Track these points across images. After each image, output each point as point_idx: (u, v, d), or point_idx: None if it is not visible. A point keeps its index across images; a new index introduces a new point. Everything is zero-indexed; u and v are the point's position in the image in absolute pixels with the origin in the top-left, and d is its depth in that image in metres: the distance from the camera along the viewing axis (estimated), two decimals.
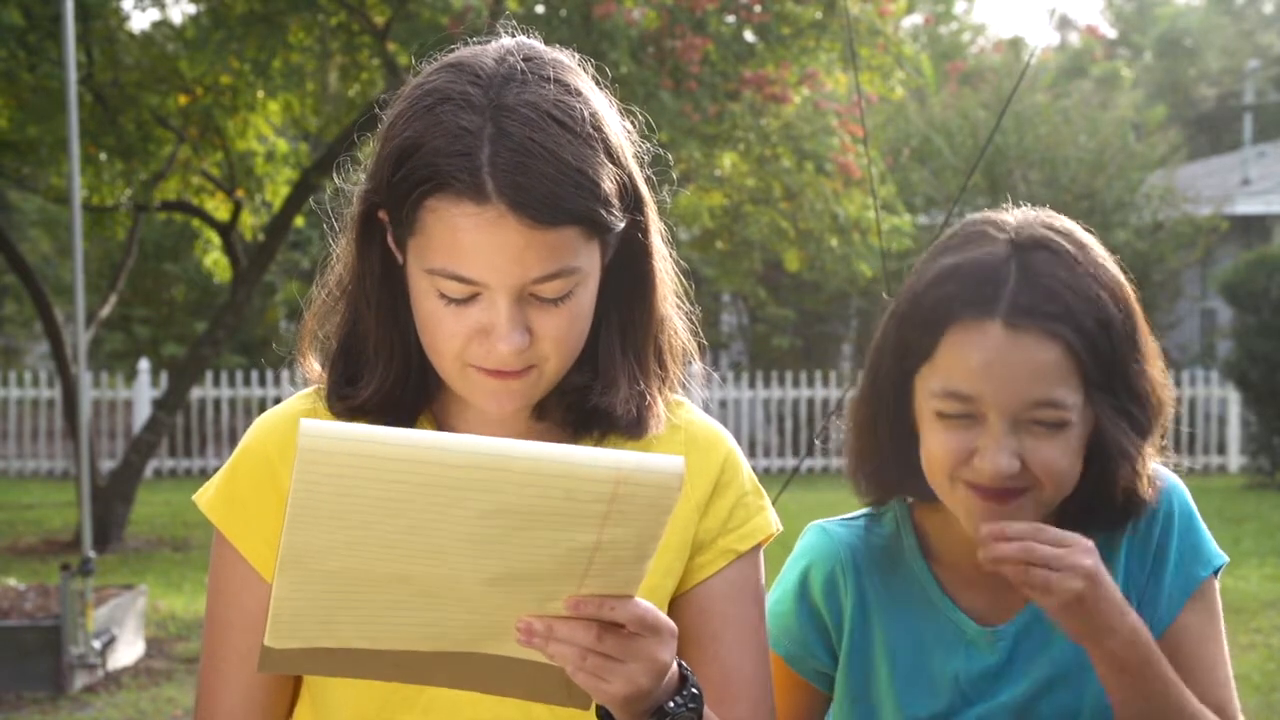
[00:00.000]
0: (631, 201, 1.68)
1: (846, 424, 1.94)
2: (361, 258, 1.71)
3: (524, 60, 1.65)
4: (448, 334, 1.63)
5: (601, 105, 1.67)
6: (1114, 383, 1.79)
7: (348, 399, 1.73)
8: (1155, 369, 1.85)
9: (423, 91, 1.64)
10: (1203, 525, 1.94)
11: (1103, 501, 1.85)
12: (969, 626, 1.90)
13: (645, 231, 1.72)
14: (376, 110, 1.72)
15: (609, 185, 1.62)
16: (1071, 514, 1.86)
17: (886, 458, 1.89)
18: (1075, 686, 1.89)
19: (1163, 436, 1.89)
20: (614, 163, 1.64)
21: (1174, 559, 1.90)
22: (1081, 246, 1.83)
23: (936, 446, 1.81)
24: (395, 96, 1.68)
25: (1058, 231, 1.84)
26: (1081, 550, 1.73)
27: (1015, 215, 1.88)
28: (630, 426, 1.74)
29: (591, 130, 1.62)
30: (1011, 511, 1.79)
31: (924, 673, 1.91)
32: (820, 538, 1.98)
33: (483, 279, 1.60)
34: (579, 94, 1.64)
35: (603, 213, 1.61)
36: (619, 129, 1.68)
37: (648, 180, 1.73)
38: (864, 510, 2.00)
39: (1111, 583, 1.76)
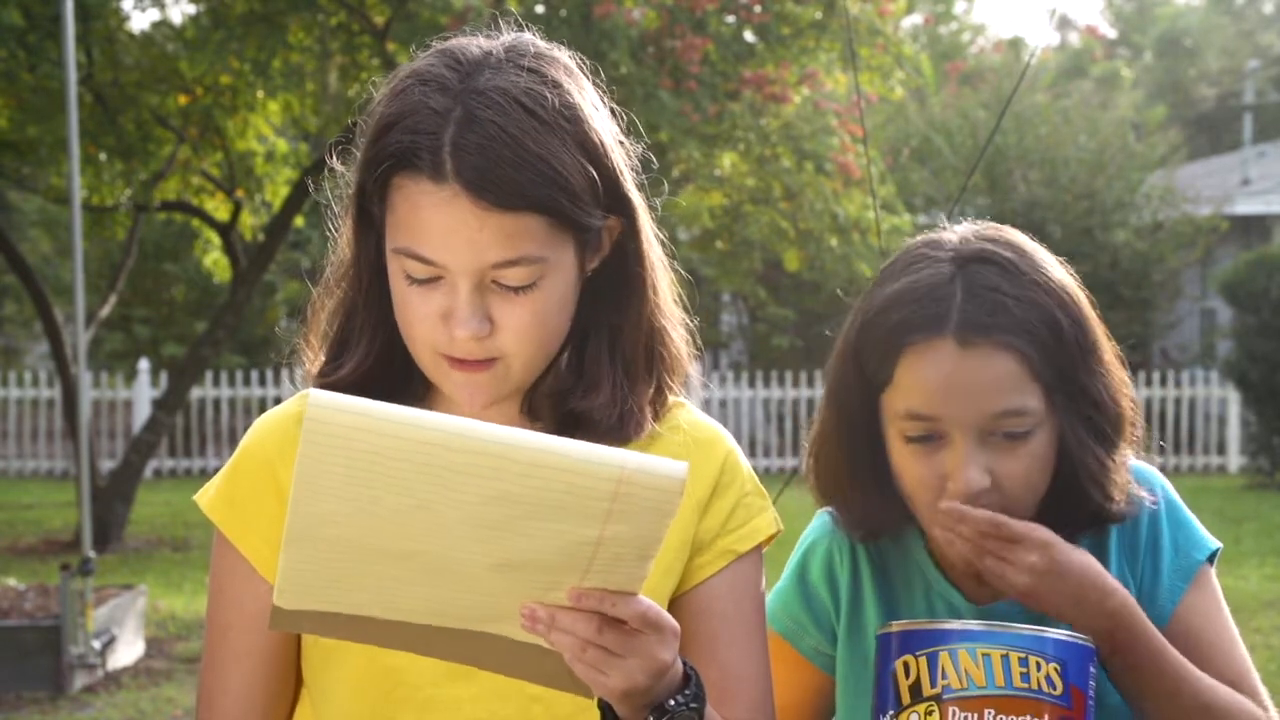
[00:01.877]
0: (612, 201, 1.68)
1: (811, 462, 1.95)
2: (356, 240, 1.73)
3: (506, 49, 1.67)
4: (414, 317, 1.65)
5: (584, 101, 1.67)
6: (1070, 388, 1.81)
7: (326, 375, 1.74)
8: (1113, 375, 1.87)
9: (406, 73, 1.67)
10: (1190, 514, 1.96)
11: (1074, 508, 1.86)
12: (962, 604, 1.93)
13: (635, 236, 1.72)
14: (372, 92, 1.74)
15: (577, 178, 1.62)
16: (1046, 523, 1.87)
17: (868, 495, 1.90)
18: None
19: (1134, 440, 1.90)
20: (588, 157, 1.64)
21: (1168, 548, 1.92)
22: (1024, 255, 1.85)
23: (909, 477, 1.84)
24: (386, 79, 1.71)
25: (998, 243, 1.86)
26: (1032, 546, 1.77)
27: (954, 233, 1.90)
28: (610, 431, 1.73)
29: (563, 121, 1.63)
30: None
31: None
32: (823, 518, 2.01)
33: (440, 260, 1.61)
34: (556, 85, 1.65)
35: (566, 203, 1.62)
36: (603, 127, 1.68)
37: (640, 185, 1.73)
38: None
39: (1076, 567, 1.79)
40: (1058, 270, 1.86)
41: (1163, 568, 1.91)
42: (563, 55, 1.71)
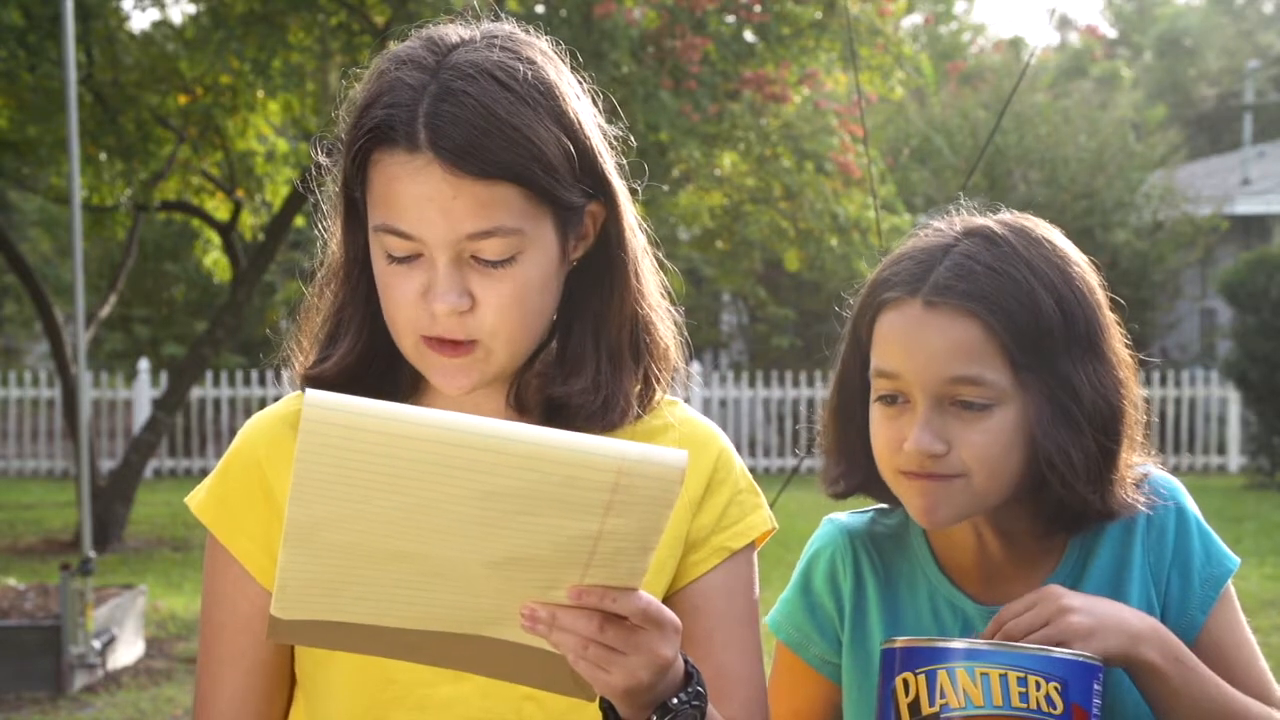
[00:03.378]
0: (592, 182, 1.69)
1: (821, 426, 1.97)
2: (345, 238, 1.73)
3: (483, 33, 1.69)
4: (396, 297, 1.65)
5: (559, 79, 1.68)
6: (1044, 371, 1.80)
7: (313, 368, 1.75)
8: (1110, 373, 1.85)
9: (385, 56, 1.70)
10: (1209, 526, 1.95)
11: (1047, 501, 1.85)
12: (968, 605, 1.91)
13: (617, 221, 1.73)
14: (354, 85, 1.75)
15: (552, 150, 1.63)
16: (1035, 517, 1.87)
17: (854, 453, 1.91)
18: None
19: (1134, 442, 1.88)
20: (564, 131, 1.65)
21: (1199, 557, 1.91)
22: (1027, 239, 1.84)
23: (876, 435, 1.85)
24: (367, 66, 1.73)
25: (1009, 226, 1.87)
26: (1052, 609, 1.76)
27: (977, 215, 1.91)
28: (593, 417, 1.73)
29: (536, 94, 1.64)
30: (945, 497, 1.81)
31: None
32: (826, 526, 2.01)
33: (417, 232, 1.62)
34: (530, 62, 1.66)
35: (541, 174, 1.62)
36: (581, 108, 1.69)
37: (622, 171, 1.74)
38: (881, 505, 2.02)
39: (1094, 599, 1.79)
40: (1064, 261, 1.85)
41: (1193, 577, 1.90)
42: (541, 42, 1.72)
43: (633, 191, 1.76)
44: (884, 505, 1.99)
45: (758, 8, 11.39)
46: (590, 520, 1.42)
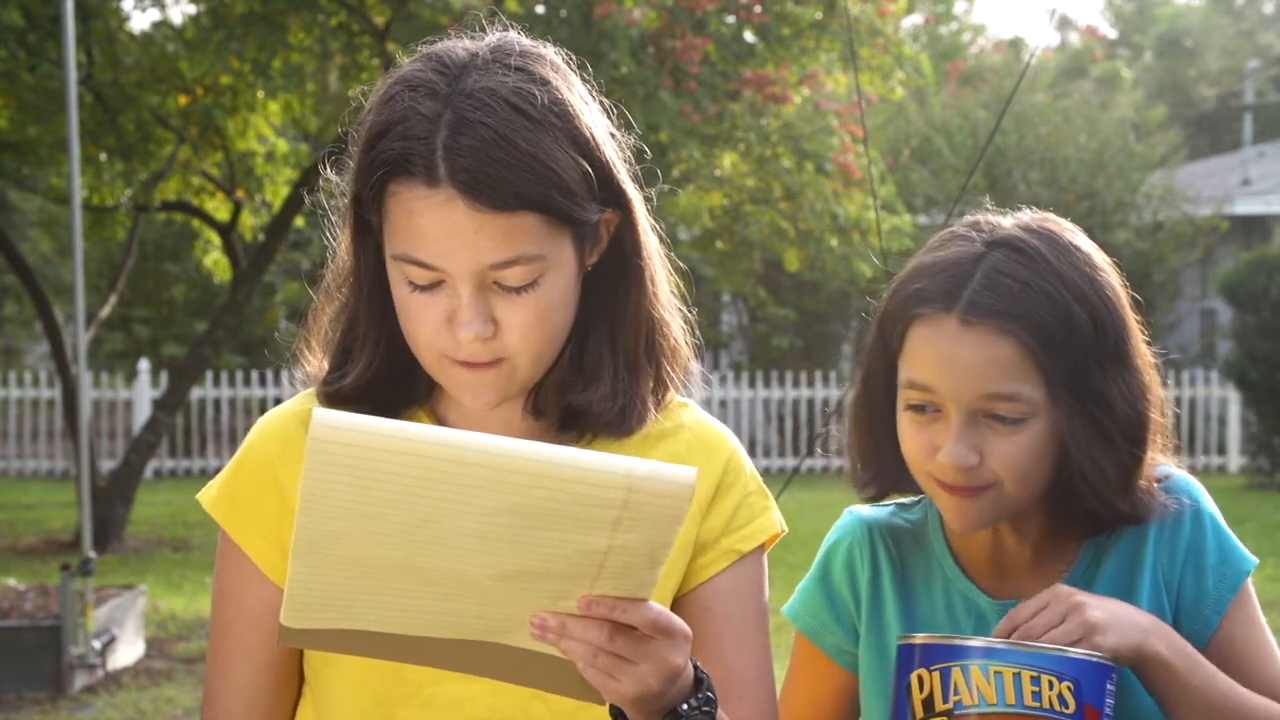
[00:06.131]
0: (608, 195, 1.68)
1: (846, 424, 1.98)
2: (355, 248, 1.73)
3: (492, 50, 1.67)
4: (418, 322, 1.65)
5: (573, 96, 1.67)
6: (1077, 386, 1.81)
7: (330, 384, 1.74)
8: (1136, 380, 1.85)
9: (394, 80, 1.68)
10: (1227, 526, 1.95)
11: (1075, 508, 1.85)
12: (982, 600, 1.92)
13: (632, 228, 1.73)
14: (363, 101, 1.74)
15: (571, 174, 1.63)
16: (1054, 518, 1.88)
17: (884, 456, 1.92)
18: None
19: (1161, 447, 1.89)
20: (581, 153, 1.64)
21: (1213, 556, 1.90)
22: (1056, 247, 1.84)
23: (906, 442, 1.86)
24: (375, 86, 1.71)
25: (1036, 233, 1.86)
26: (1065, 606, 1.76)
27: (1002, 218, 1.90)
28: (611, 425, 1.74)
29: (553, 118, 1.63)
30: (978, 508, 1.82)
31: None
32: (846, 518, 2.02)
33: (439, 264, 1.61)
34: (544, 83, 1.65)
35: (561, 200, 1.62)
36: (595, 121, 1.68)
37: (635, 177, 1.73)
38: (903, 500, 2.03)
39: (1103, 597, 1.79)
40: (1092, 268, 1.86)
41: (1207, 575, 1.90)
42: (549, 52, 1.71)
43: (647, 200, 1.76)
44: (904, 500, 2.01)
45: (758, 8, 11.39)
46: (599, 536, 1.43)
